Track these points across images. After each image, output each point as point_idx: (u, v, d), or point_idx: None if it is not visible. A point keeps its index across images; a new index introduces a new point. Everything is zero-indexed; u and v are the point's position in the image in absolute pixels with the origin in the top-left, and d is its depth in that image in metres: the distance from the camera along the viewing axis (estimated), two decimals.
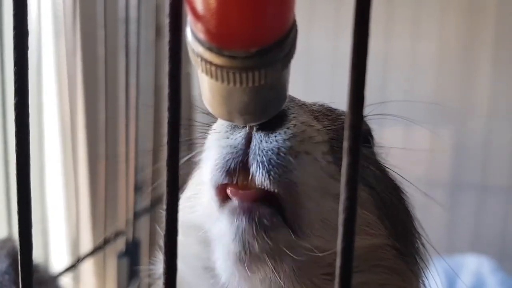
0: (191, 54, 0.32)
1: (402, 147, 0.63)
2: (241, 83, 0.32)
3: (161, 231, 0.31)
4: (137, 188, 1.17)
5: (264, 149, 0.44)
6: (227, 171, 0.44)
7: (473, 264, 1.49)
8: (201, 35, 0.30)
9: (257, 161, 0.43)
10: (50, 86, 1.11)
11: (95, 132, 1.10)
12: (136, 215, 1.14)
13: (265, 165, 0.43)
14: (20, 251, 0.34)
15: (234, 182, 0.44)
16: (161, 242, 0.31)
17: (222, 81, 0.32)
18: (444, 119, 1.68)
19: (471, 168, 1.77)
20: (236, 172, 0.44)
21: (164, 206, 0.29)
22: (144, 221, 1.18)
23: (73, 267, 0.98)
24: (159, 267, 0.63)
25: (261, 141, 0.44)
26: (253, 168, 0.43)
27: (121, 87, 1.07)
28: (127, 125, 1.09)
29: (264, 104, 0.36)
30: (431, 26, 1.77)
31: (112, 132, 1.07)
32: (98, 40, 0.99)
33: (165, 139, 0.29)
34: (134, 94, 1.09)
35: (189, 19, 0.31)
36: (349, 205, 0.27)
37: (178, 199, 0.29)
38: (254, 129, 0.45)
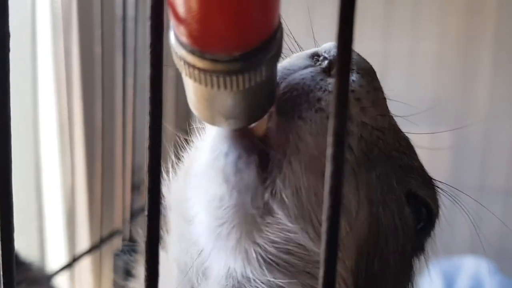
0: (174, 57, 0.32)
1: None
2: (225, 87, 0.31)
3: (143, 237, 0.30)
4: (134, 187, 1.16)
5: (306, 85, 0.43)
6: None
7: (471, 266, 1.49)
8: (184, 38, 0.30)
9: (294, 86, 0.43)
10: (48, 84, 1.11)
11: (92, 130, 1.10)
12: (133, 214, 1.13)
13: (296, 93, 0.42)
14: (2, 248, 0.34)
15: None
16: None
17: (206, 84, 0.31)
18: (443, 120, 1.67)
19: (470, 170, 1.76)
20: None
21: (146, 212, 0.29)
22: (141, 220, 1.17)
23: (69, 266, 0.98)
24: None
25: (314, 76, 0.43)
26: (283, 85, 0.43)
27: (118, 86, 1.07)
28: (124, 124, 1.08)
29: (250, 107, 0.35)
30: (430, 27, 1.76)
31: (109, 131, 1.07)
32: (95, 39, 0.99)
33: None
34: (131, 93, 1.08)
35: (171, 22, 0.30)
36: (333, 213, 0.27)
37: (159, 205, 0.29)
38: (325, 65, 0.44)
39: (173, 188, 0.54)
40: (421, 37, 1.76)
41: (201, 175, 0.44)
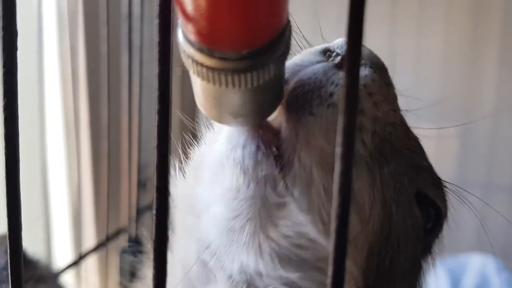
0: (182, 56, 0.32)
1: None
2: (233, 85, 0.31)
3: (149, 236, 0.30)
4: (140, 185, 1.16)
5: (318, 79, 0.42)
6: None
7: (477, 264, 1.48)
8: (192, 36, 0.30)
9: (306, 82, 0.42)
10: (54, 83, 1.11)
11: (98, 129, 1.10)
12: (139, 212, 1.14)
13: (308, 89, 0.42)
14: (10, 246, 0.34)
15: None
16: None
17: (214, 83, 0.31)
18: (449, 117, 1.67)
19: (476, 167, 1.76)
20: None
21: (153, 211, 0.29)
22: (147, 218, 1.17)
23: (75, 264, 0.98)
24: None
25: (326, 71, 0.43)
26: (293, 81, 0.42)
27: (124, 84, 1.07)
28: (130, 122, 1.08)
29: (258, 106, 0.35)
30: (437, 23, 1.75)
31: (115, 129, 1.07)
32: (101, 37, 0.99)
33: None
34: (137, 91, 1.08)
35: (179, 20, 0.30)
36: (341, 212, 0.27)
37: (168, 206, 0.29)
38: (337, 60, 0.43)
39: (180, 184, 0.54)
40: (427, 34, 1.75)
41: (216, 166, 0.44)
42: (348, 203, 0.26)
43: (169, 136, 0.29)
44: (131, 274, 1.12)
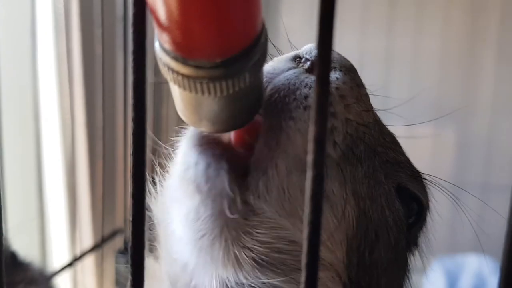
0: (159, 63, 0.32)
1: (404, 145, 0.61)
2: (209, 93, 0.31)
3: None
4: None
5: (292, 84, 0.43)
6: None
7: (474, 264, 1.48)
8: (167, 45, 0.30)
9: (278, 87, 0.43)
10: (50, 85, 1.11)
11: (94, 130, 1.11)
12: None
13: (281, 91, 0.42)
14: None
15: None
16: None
17: (190, 90, 0.31)
18: (447, 117, 1.67)
19: (474, 167, 1.75)
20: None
21: (130, 217, 0.29)
22: None
23: (71, 265, 0.98)
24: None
25: (298, 76, 0.43)
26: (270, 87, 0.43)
27: (119, 85, 1.07)
28: (125, 123, 1.09)
29: (235, 112, 0.35)
30: (434, 24, 1.75)
31: (110, 130, 1.08)
32: (96, 39, 0.99)
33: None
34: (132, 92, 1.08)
35: (155, 29, 0.30)
36: (314, 219, 0.27)
37: (144, 216, 0.29)
38: (307, 66, 0.44)
39: (158, 200, 0.53)
40: (425, 34, 1.75)
41: (175, 187, 0.44)
42: (320, 210, 0.27)
43: (145, 143, 0.29)
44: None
